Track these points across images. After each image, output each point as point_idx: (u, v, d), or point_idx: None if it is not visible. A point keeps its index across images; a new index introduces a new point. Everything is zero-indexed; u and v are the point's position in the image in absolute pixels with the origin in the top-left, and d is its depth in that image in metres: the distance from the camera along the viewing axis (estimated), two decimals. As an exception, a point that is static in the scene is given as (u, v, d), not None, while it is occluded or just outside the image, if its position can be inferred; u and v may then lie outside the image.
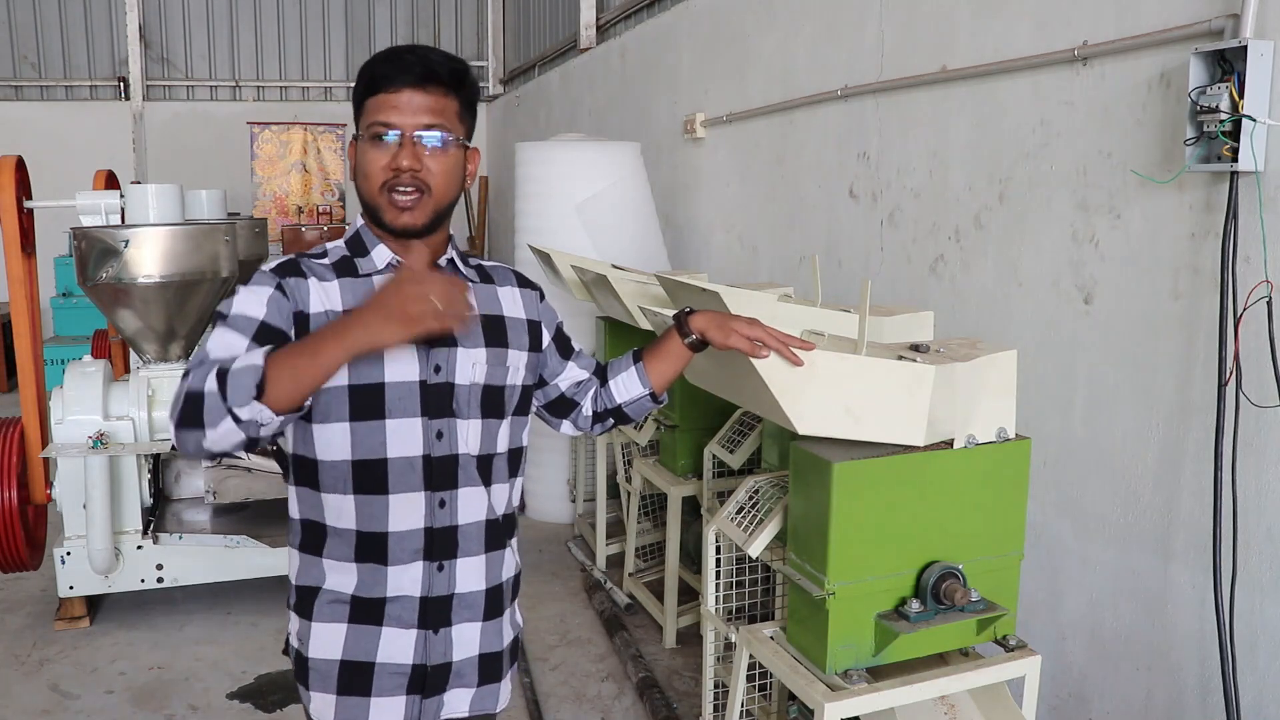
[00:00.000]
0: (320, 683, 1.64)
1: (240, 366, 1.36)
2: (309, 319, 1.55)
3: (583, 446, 4.95)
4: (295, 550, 1.67)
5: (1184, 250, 2.36)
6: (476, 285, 1.70)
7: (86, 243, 3.97)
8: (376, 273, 1.61)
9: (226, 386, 1.35)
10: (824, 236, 4.00)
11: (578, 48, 7.84)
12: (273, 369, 1.36)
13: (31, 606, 4.25)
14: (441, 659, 1.65)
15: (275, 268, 1.59)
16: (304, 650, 1.65)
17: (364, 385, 1.55)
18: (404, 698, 1.63)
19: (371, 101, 1.57)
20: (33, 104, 10.49)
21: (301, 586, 1.66)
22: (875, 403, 2.06)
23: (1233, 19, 2.17)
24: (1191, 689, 2.39)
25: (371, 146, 1.56)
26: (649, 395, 1.87)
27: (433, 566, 1.62)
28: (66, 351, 7.38)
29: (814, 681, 2.11)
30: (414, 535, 1.60)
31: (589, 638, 3.97)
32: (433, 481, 1.60)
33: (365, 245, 1.63)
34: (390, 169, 1.55)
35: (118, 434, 3.93)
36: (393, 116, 1.55)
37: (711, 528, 2.67)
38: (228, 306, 1.53)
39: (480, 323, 1.66)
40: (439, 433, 1.60)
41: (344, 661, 1.62)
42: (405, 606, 1.62)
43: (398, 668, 1.62)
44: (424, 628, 1.63)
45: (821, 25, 4.00)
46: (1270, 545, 2.19)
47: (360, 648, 1.62)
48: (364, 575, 1.61)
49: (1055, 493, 2.77)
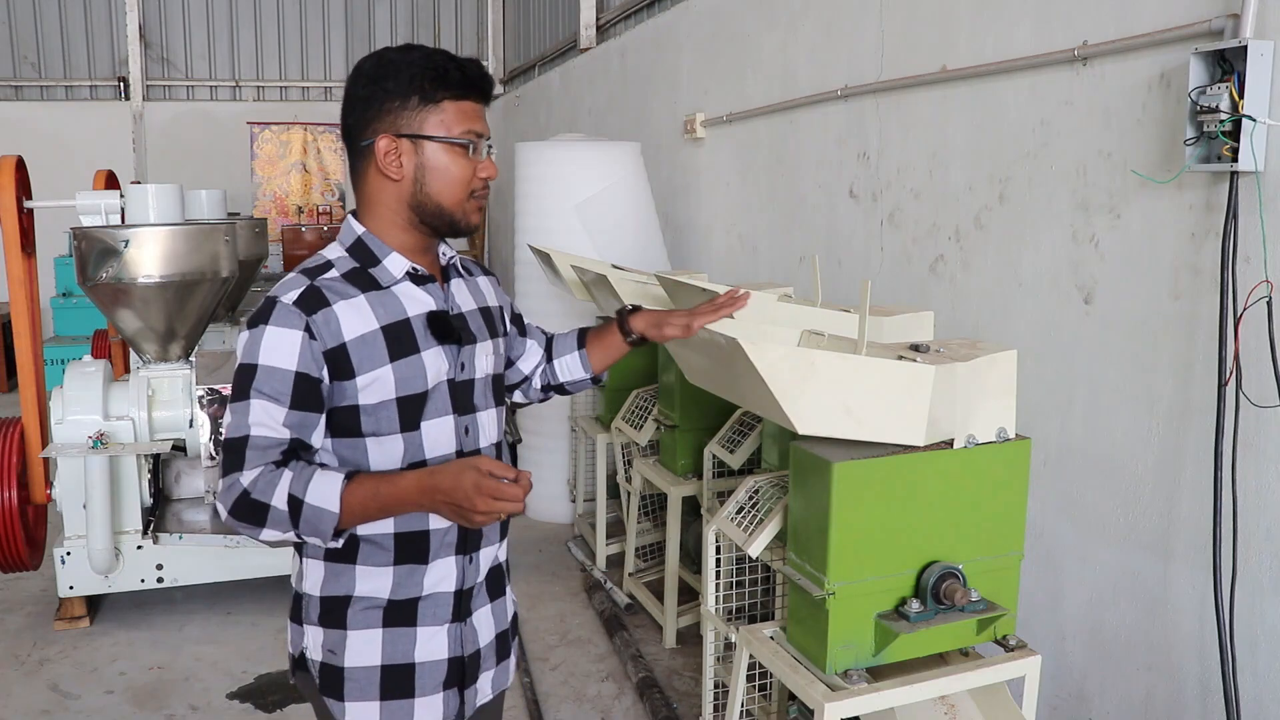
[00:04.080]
0: (359, 692, 1.62)
1: (316, 507, 1.44)
2: (347, 348, 1.52)
3: (582, 447, 4.95)
4: (319, 561, 1.63)
5: (1184, 250, 2.36)
6: (468, 279, 1.77)
7: (86, 243, 3.97)
8: (395, 283, 1.60)
9: (300, 519, 1.45)
10: (824, 236, 4.00)
11: (578, 48, 7.83)
12: (345, 514, 1.45)
13: (31, 606, 4.25)
14: (473, 647, 1.70)
15: (298, 301, 1.51)
16: (337, 661, 1.62)
17: (410, 396, 1.58)
18: (442, 694, 1.66)
19: (456, 106, 1.57)
20: (33, 104, 10.49)
21: (329, 597, 1.63)
22: (875, 403, 2.06)
23: (1233, 19, 2.17)
24: (1191, 689, 2.39)
25: (463, 153, 1.58)
26: (590, 379, 1.97)
27: (464, 559, 1.67)
28: (66, 351, 7.38)
29: (814, 681, 2.11)
30: (450, 530, 1.64)
31: (589, 638, 3.97)
32: None
33: (375, 254, 1.60)
34: (483, 179, 1.61)
35: (118, 434, 3.93)
36: (479, 126, 1.59)
37: (711, 528, 2.67)
38: (253, 354, 1.49)
39: (480, 317, 1.72)
40: (466, 428, 1.66)
41: (385, 666, 1.62)
42: (439, 603, 1.65)
43: (436, 664, 1.65)
44: (456, 620, 1.67)
45: (821, 25, 4.00)
46: (1270, 545, 2.19)
47: (398, 650, 1.63)
48: (399, 578, 1.61)
49: (1055, 493, 2.77)
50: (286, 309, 1.51)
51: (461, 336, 1.63)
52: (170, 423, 4.06)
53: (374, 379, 1.53)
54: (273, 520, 1.45)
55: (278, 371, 1.48)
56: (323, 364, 1.51)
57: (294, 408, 1.49)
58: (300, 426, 1.50)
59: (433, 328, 1.60)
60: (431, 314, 1.61)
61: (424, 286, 1.63)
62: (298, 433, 1.50)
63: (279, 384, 1.48)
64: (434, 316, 1.60)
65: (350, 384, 1.53)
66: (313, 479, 1.45)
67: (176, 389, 4.12)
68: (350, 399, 1.54)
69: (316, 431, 1.53)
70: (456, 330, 1.63)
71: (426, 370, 1.58)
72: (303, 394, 1.49)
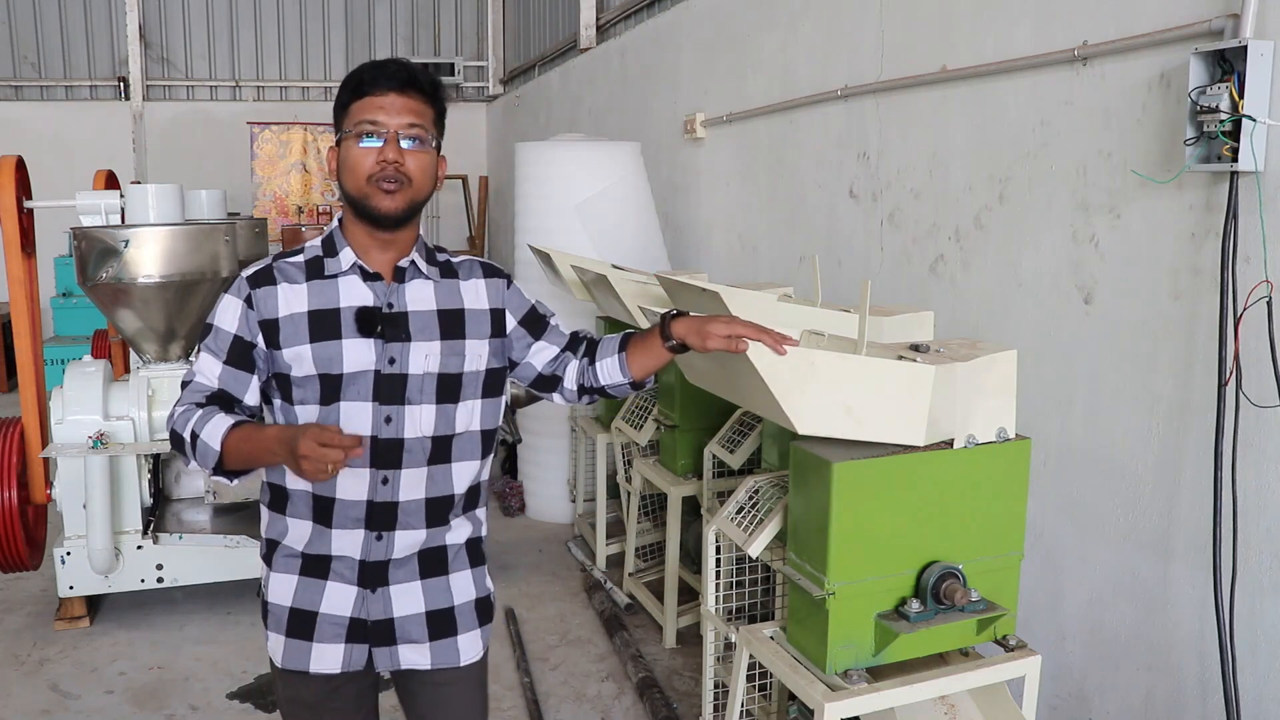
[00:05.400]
0: (275, 625, 1.87)
1: (205, 442, 1.70)
2: (277, 324, 1.76)
3: (583, 447, 4.96)
4: (265, 507, 1.89)
5: (1184, 250, 2.36)
6: (438, 282, 1.85)
7: (86, 243, 3.97)
8: (341, 274, 1.79)
9: (196, 451, 1.72)
10: (824, 236, 4.00)
11: (578, 48, 7.83)
12: (227, 455, 1.69)
13: (31, 606, 4.25)
14: (382, 615, 1.83)
15: (251, 276, 1.80)
16: (266, 596, 1.89)
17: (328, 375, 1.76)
18: (343, 646, 1.83)
19: (357, 104, 1.74)
20: (33, 104, 10.48)
21: (269, 540, 1.89)
22: (875, 403, 2.06)
23: (1233, 19, 2.17)
24: (1191, 689, 2.39)
25: (358, 143, 1.73)
26: (629, 384, 1.95)
27: (372, 535, 1.81)
28: (66, 351, 7.38)
29: (814, 681, 2.11)
30: (357, 505, 1.79)
31: (589, 638, 3.97)
32: (378, 460, 1.78)
33: (335, 247, 1.81)
34: (378, 162, 1.72)
35: (118, 434, 3.93)
36: (379, 116, 1.72)
37: (711, 528, 2.67)
38: (213, 315, 1.81)
39: (436, 318, 1.81)
40: (388, 417, 1.77)
41: (293, 609, 1.84)
42: (347, 565, 1.82)
43: (337, 619, 1.83)
44: (363, 586, 1.82)
45: (821, 25, 4.00)
46: (1270, 545, 2.19)
47: (307, 597, 1.83)
48: (313, 535, 1.82)
49: (1055, 493, 2.77)
50: (240, 282, 1.80)
51: (386, 333, 1.76)
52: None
53: (296, 354, 1.75)
54: (185, 453, 1.73)
55: (221, 332, 1.78)
56: (257, 331, 1.77)
57: (228, 364, 1.77)
58: (231, 381, 1.77)
59: (359, 321, 1.76)
60: (360, 309, 1.77)
61: (369, 283, 1.79)
62: (228, 386, 1.77)
63: (221, 342, 1.78)
64: (361, 311, 1.77)
65: (279, 354, 1.76)
66: (210, 420, 1.71)
67: (176, 389, 4.11)
68: (283, 368, 1.77)
69: (250, 389, 1.79)
70: (381, 326, 1.76)
71: (344, 356, 1.75)
72: (237, 354, 1.77)
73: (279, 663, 1.87)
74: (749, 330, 1.82)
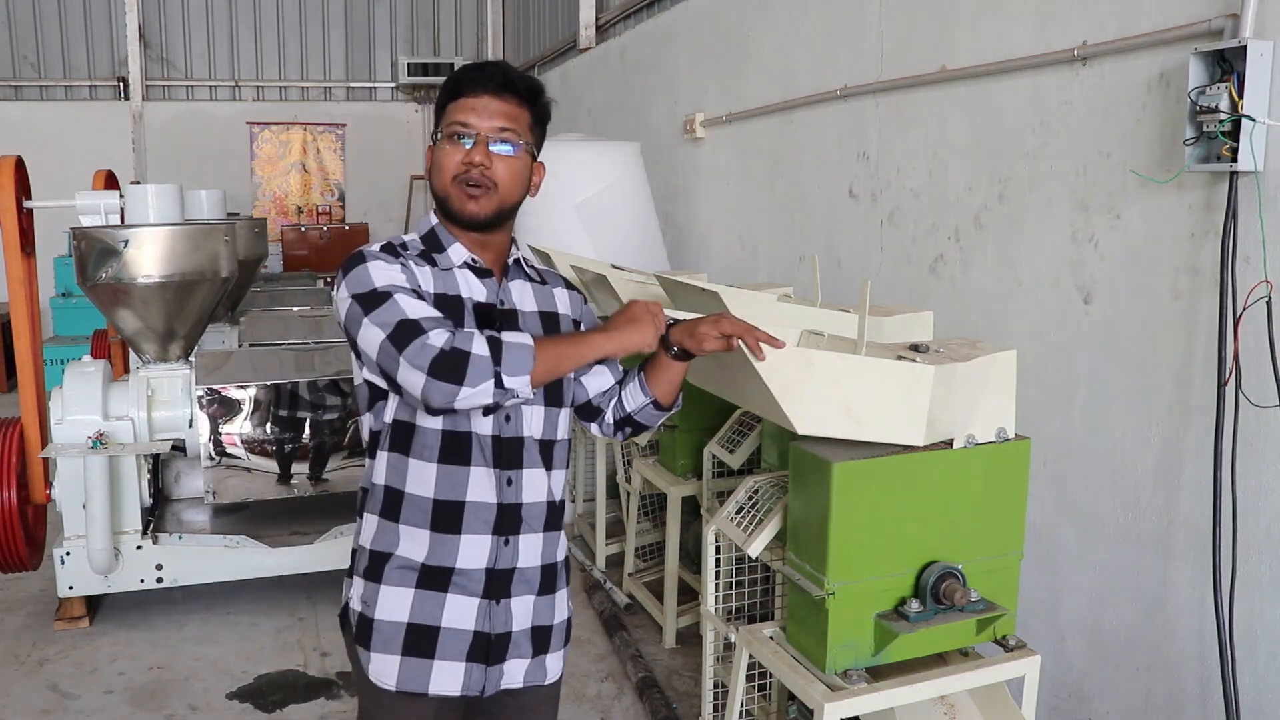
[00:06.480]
0: (384, 644, 1.72)
1: (513, 342, 1.57)
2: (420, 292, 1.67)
3: (582, 447, 4.95)
4: (368, 514, 1.78)
5: (1184, 250, 2.36)
6: (538, 284, 1.86)
7: (86, 243, 3.96)
8: (455, 268, 1.75)
9: (501, 355, 1.55)
10: (824, 236, 4.00)
11: (577, 48, 7.83)
12: (541, 352, 1.59)
13: (31, 606, 4.24)
14: (503, 628, 1.76)
15: (384, 246, 1.72)
16: (369, 613, 1.74)
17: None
18: (464, 664, 1.73)
19: (452, 105, 1.72)
20: (32, 104, 10.47)
21: (375, 552, 1.75)
22: (875, 403, 2.06)
23: (1232, 19, 2.17)
24: (1191, 689, 2.39)
25: (449, 143, 1.71)
26: (652, 404, 1.91)
27: (500, 540, 1.74)
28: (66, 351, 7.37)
29: (814, 681, 2.11)
30: (487, 508, 1.72)
31: (589, 638, 3.97)
32: (500, 459, 1.73)
33: (441, 242, 1.77)
34: (463, 164, 1.70)
35: (117, 434, 3.93)
36: (470, 118, 1.70)
37: (711, 528, 2.67)
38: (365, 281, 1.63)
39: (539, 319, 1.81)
40: (508, 415, 1.73)
41: (411, 624, 1.72)
42: (471, 577, 1.72)
43: (461, 633, 1.72)
44: (487, 597, 1.74)
45: (821, 25, 4.00)
46: (1270, 545, 2.19)
47: (426, 611, 1.72)
48: (434, 544, 1.71)
49: (1055, 493, 2.77)
50: (377, 253, 1.69)
51: (502, 327, 1.71)
52: (170, 423, 4.06)
53: None
54: (474, 367, 1.53)
55: (402, 287, 1.63)
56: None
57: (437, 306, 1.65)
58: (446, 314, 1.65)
59: (477, 315, 1.73)
60: (478, 304, 1.74)
61: (481, 279, 1.77)
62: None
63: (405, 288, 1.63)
64: (479, 306, 1.74)
65: None
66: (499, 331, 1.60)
67: (176, 389, 4.12)
68: None
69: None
70: (498, 322, 1.74)
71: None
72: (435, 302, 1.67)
73: (393, 685, 1.72)
74: (736, 328, 1.83)
